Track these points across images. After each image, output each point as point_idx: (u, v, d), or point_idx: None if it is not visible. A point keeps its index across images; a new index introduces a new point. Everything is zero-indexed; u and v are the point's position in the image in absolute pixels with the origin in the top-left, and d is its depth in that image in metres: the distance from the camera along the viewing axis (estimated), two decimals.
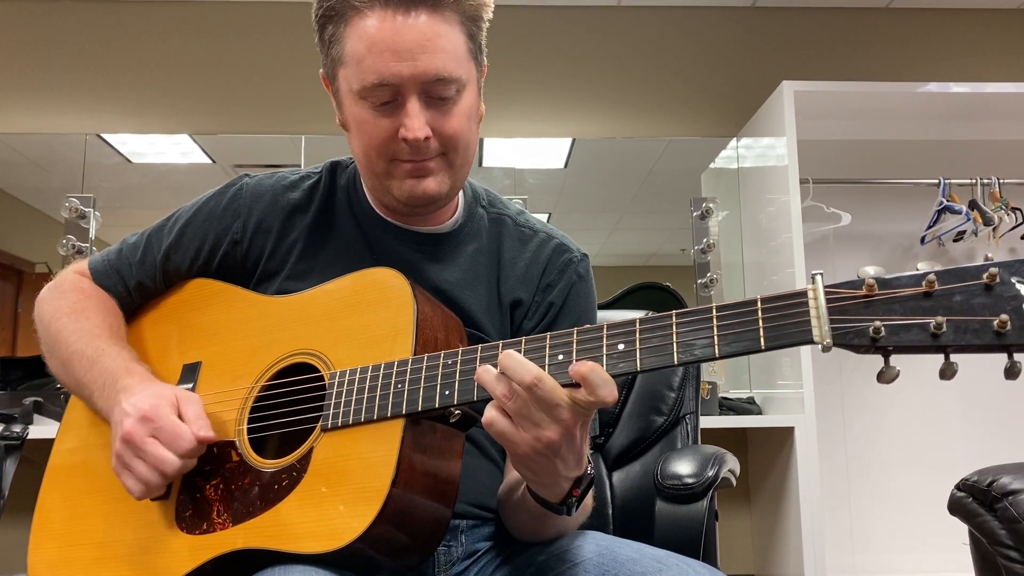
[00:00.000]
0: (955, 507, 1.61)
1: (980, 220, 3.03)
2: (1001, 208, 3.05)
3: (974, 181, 3.08)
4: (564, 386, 0.78)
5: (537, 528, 0.98)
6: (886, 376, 0.69)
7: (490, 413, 0.80)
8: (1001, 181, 3.07)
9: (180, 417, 0.94)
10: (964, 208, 3.03)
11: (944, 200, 3.06)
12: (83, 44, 3.25)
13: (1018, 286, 0.64)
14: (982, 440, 3.12)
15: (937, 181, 3.06)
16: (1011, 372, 0.66)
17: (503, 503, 1.04)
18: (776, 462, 2.82)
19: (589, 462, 0.86)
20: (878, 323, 0.67)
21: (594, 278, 1.19)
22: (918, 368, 0.73)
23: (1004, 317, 0.64)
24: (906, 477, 3.12)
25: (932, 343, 0.66)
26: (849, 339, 0.68)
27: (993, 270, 0.65)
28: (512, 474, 1.01)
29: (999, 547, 1.50)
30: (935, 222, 3.10)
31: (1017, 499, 1.49)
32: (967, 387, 3.15)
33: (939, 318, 0.65)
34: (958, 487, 1.60)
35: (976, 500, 1.56)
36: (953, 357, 0.67)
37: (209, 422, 0.95)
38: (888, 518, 3.11)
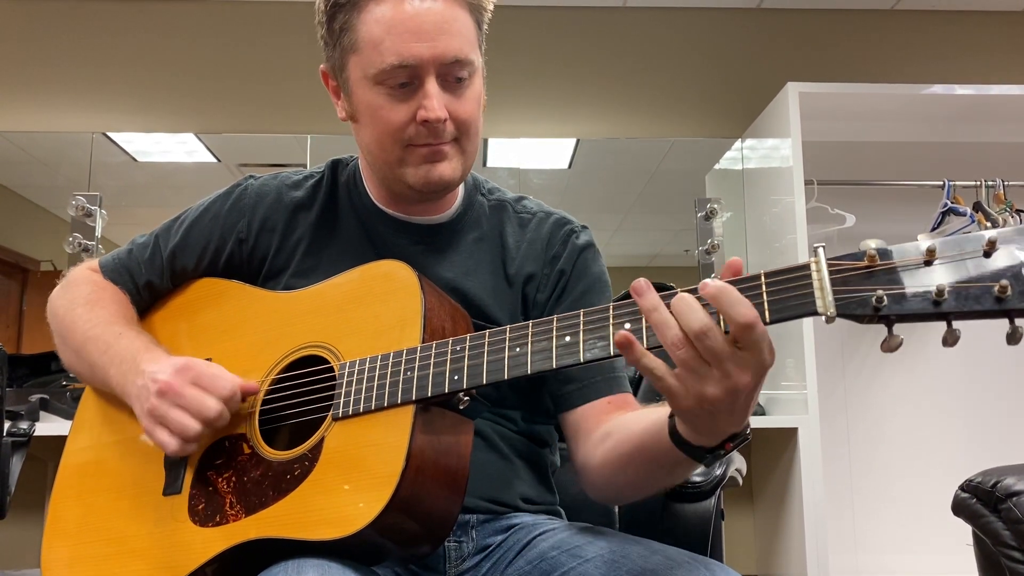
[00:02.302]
0: (959, 508, 1.61)
1: (984, 222, 3.03)
2: (1005, 210, 3.05)
3: (978, 183, 3.08)
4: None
5: (648, 479, 0.96)
6: (890, 344, 0.70)
7: (655, 363, 0.75)
8: (1005, 183, 3.07)
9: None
10: (968, 210, 3.02)
11: (948, 202, 3.06)
12: (89, 43, 3.26)
13: (1017, 252, 0.66)
14: (986, 441, 3.11)
15: (941, 183, 3.06)
16: (1013, 338, 0.66)
17: (602, 455, 1.00)
18: (779, 463, 2.82)
19: (747, 424, 0.83)
20: (880, 292, 0.68)
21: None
22: (921, 371, 0.73)
23: (1004, 283, 0.65)
24: (909, 478, 3.12)
25: (934, 310, 0.67)
26: (852, 309, 0.69)
27: (992, 236, 0.66)
28: (628, 425, 0.98)
29: (1003, 548, 1.51)
30: (939, 224, 3.10)
31: (1021, 500, 1.49)
32: (971, 388, 3.15)
33: (940, 285, 0.66)
34: (962, 488, 1.61)
35: (980, 501, 1.57)
36: (955, 324, 0.68)
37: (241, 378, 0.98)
38: (891, 519, 3.12)
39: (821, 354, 2.78)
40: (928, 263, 0.68)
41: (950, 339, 0.68)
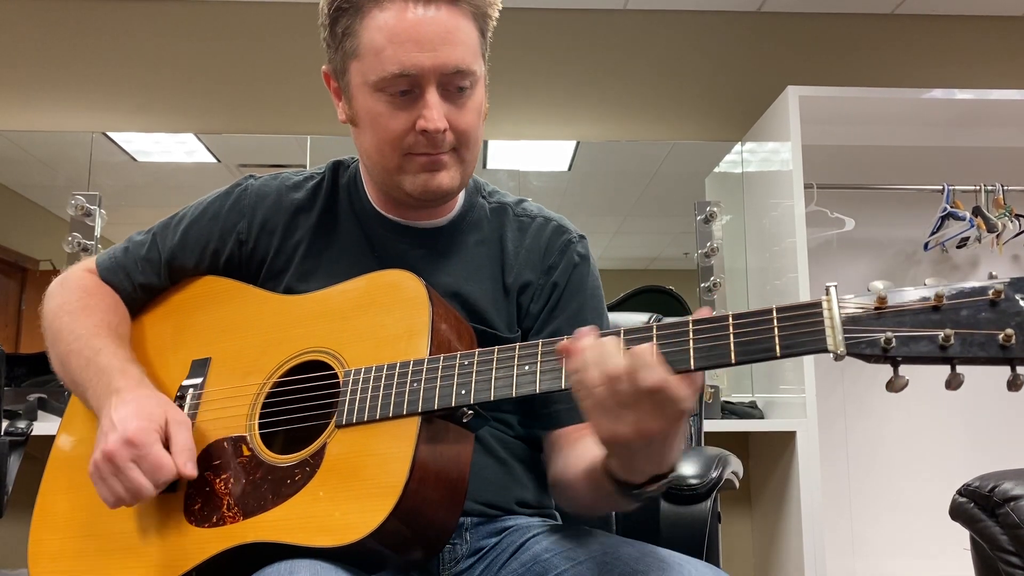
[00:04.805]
0: (956, 512, 1.61)
1: (983, 227, 3.03)
2: (1004, 215, 3.05)
3: (978, 187, 3.08)
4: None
5: (596, 503, 1.01)
6: (895, 385, 0.72)
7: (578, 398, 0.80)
8: (1005, 188, 3.07)
9: (167, 441, 0.94)
10: (968, 214, 3.03)
11: (948, 206, 3.06)
12: (89, 43, 3.26)
13: (1022, 302, 0.68)
14: (984, 446, 3.12)
15: (941, 187, 3.06)
16: (1014, 384, 0.69)
17: (567, 475, 1.04)
18: (778, 466, 2.82)
19: (673, 467, 0.86)
20: (889, 334, 0.70)
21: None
22: (921, 375, 0.74)
23: (1009, 331, 0.67)
24: (907, 482, 3.13)
25: (940, 354, 0.69)
26: (861, 349, 0.71)
27: (999, 287, 0.68)
28: (587, 451, 1.00)
29: (1000, 553, 1.51)
30: (938, 228, 3.10)
31: (1018, 505, 1.49)
32: (969, 394, 3.11)
33: (947, 331, 0.68)
34: (960, 492, 1.61)
35: (978, 506, 1.56)
36: (959, 368, 0.70)
37: (195, 452, 0.96)
38: (889, 523, 3.12)
39: (820, 358, 2.77)
40: (936, 308, 0.70)
41: (953, 383, 0.70)
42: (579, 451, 1.02)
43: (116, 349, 1.07)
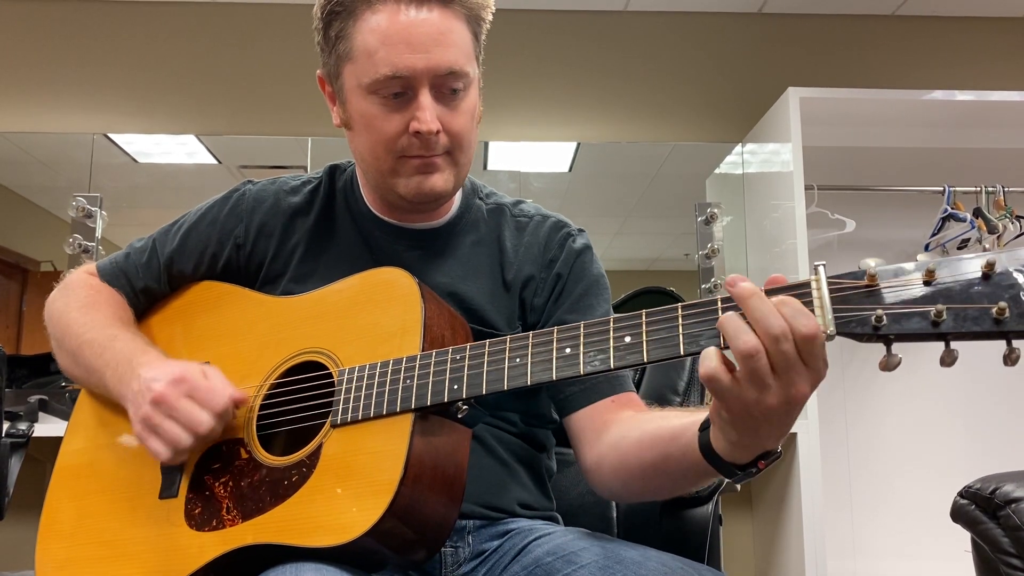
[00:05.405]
0: (958, 514, 1.61)
1: (984, 228, 3.02)
2: (1005, 216, 3.05)
3: (979, 189, 3.07)
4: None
5: (669, 486, 0.95)
6: (888, 363, 0.70)
7: (712, 367, 0.71)
8: (1006, 189, 3.06)
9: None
10: (968, 216, 3.02)
11: (948, 208, 3.05)
12: (91, 44, 3.26)
13: (1016, 275, 0.66)
14: (985, 448, 3.11)
15: (942, 188, 3.06)
16: (1009, 359, 0.67)
17: (628, 461, 0.97)
18: (778, 468, 2.82)
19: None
20: (880, 312, 0.68)
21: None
22: (921, 375, 0.74)
23: (1003, 305, 0.65)
24: (908, 484, 3.12)
25: (933, 331, 0.67)
26: (852, 327, 0.69)
27: (991, 259, 0.66)
28: (655, 433, 0.93)
29: (1001, 555, 1.50)
30: (939, 229, 3.10)
31: (1020, 507, 1.49)
32: (970, 394, 3.15)
33: (939, 306, 0.67)
34: (961, 494, 1.60)
35: (979, 508, 1.56)
36: (953, 344, 0.68)
37: (235, 387, 0.98)
38: (890, 525, 3.11)
39: None
40: (928, 283, 0.68)
41: (948, 359, 0.68)
42: (628, 430, 0.98)
43: (133, 336, 1.08)
